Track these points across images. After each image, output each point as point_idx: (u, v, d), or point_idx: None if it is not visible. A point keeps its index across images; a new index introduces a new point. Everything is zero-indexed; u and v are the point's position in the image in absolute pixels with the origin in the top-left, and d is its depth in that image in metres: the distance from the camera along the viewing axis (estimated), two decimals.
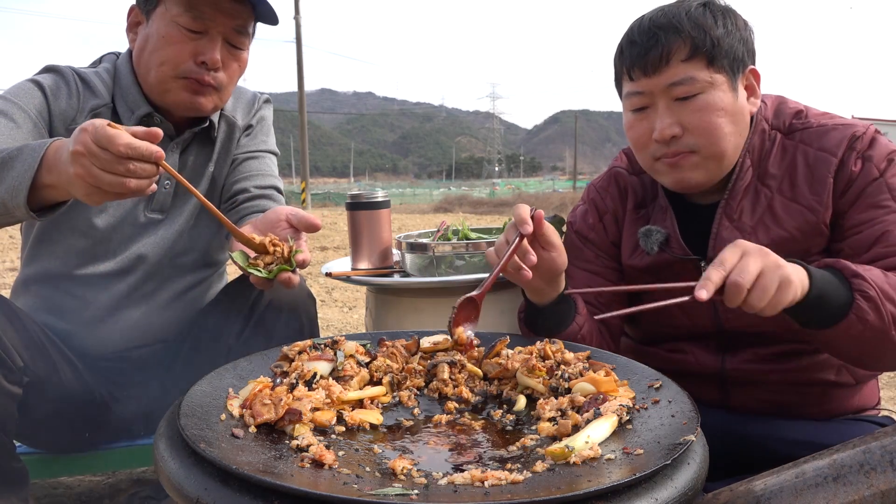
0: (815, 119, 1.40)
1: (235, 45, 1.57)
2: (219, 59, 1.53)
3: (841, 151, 1.33)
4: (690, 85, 1.30)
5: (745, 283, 1.07)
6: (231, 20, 1.53)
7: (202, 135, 1.70)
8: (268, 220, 1.37)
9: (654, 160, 1.38)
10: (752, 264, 1.08)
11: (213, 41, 1.52)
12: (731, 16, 1.33)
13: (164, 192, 1.65)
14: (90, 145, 1.09)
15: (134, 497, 2.04)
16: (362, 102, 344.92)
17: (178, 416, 0.88)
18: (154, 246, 1.66)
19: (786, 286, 1.09)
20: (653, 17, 1.34)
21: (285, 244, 1.27)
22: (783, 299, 1.09)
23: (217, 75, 1.55)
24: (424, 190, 51.07)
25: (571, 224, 1.64)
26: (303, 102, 24.72)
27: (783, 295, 1.09)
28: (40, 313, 1.62)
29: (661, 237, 1.45)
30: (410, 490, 0.76)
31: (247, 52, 1.61)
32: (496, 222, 2.28)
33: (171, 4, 1.51)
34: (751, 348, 1.44)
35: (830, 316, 1.16)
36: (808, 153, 1.36)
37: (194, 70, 1.53)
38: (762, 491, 0.93)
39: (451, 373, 1.15)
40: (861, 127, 1.36)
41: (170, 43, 1.51)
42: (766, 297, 1.08)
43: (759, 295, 1.08)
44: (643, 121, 1.37)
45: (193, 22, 1.50)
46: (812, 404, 1.43)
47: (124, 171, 1.10)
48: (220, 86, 1.57)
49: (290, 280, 1.25)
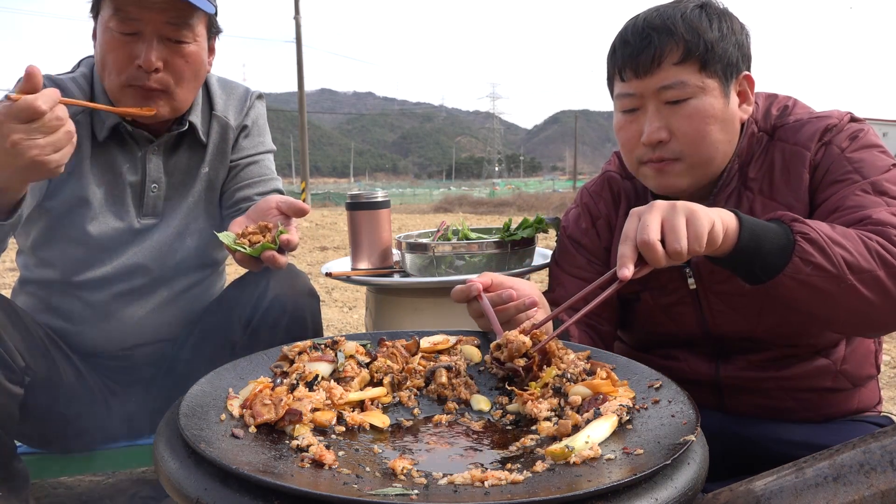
0: (795, 114, 1.38)
1: (176, 39, 1.48)
2: (153, 59, 1.45)
3: (814, 144, 1.31)
4: (681, 89, 1.29)
5: (650, 236, 1.04)
6: (161, 15, 1.44)
7: (191, 137, 1.66)
8: (259, 210, 1.42)
9: (641, 164, 1.37)
10: (650, 219, 1.05)
11: (146, 41, 1.45)
12: (728, 19, 1.32)
13: (153, 196, 1.63)
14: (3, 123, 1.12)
15: (134, 497, 2.04)
16: (362, 102, 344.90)
17: (177, 416, 0.88)
18: (151, 251, 1.65)
19: (694, 217, 1.05)
20: (647, 16, 1.33)
21: (273, 226, 1.34)
22: (700, 230, 1.05)
23: (160, 77, 1.48)
24: (424, 190, 51.07)
25: (564, 228, 1.63)
26: (303, 102, 24.72)
27: (698, 226, 1.05)
28: (40, 313, 1.63)
29: None
30: (410, 490, 0.76)
31: (194, 47, 1.51)
32: (496, 222, 2.28)
33: (104, 9, 1.47)
34: (744, 355, 1.43)
35: (774, 263, 1.12)
36: (784, 149, 1.35)
37: (136, 76, 1.47)
38: (762, 491, 0.93)
39: (449, 377, 1.14)
40: (834, 117, 1.34)
41: (109, 50, 1.47)
42: (680, 236, 1.04)
43: (673, 237, 1.04)
44: (632, 123, 1.36)
45: (122, 24, 1.44)
46: (810, 409, 1.42)
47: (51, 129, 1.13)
48: (167, 87, 1.50)
49: (275, 258, 1.31)
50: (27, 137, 1.10)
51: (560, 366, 1.11)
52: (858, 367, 1.41)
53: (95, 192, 1.57)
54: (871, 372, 1.45)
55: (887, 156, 1.31)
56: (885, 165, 1.28)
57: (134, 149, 1.60)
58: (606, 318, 1.53)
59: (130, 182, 1.60)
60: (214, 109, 1.69)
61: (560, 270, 1.59)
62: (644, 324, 1.54)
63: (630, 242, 1.06)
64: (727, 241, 1.10)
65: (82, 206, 1.56)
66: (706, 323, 1.43)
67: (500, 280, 1.26)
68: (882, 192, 1.24)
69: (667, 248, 1.05)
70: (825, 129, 1.32)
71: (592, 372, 1.09)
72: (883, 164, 1.28)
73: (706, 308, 1.42)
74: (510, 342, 1.12)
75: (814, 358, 1.39)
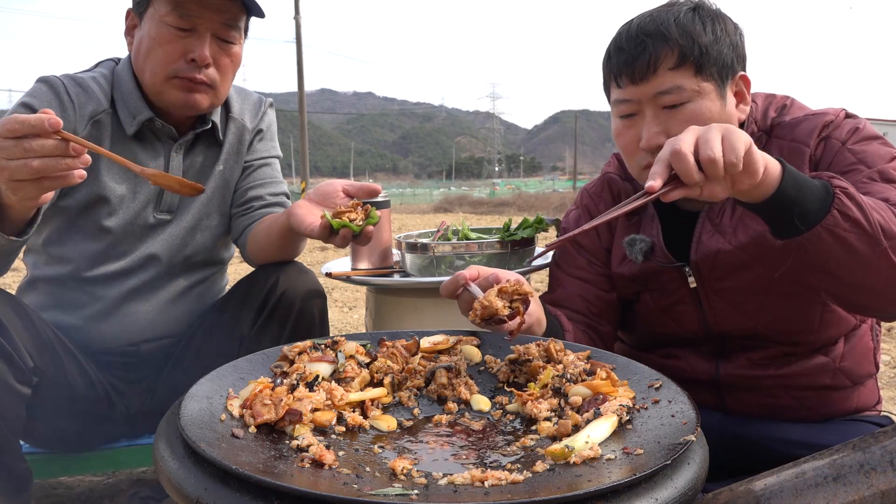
0: (792, 113, 1.38)
1: (226, 39, 1.57)
2: (208, 55, 1.53)
3: (813, 140, 1.31)
4: (678, 94, 1.29)
5: (682, 146, 0.99)
6: (218, 15, 1.53)
7: (208, 136, 1.72)
8: (323, 192, 1.50)
9: (642, 169, 1.37)
10: (683, 134, 1.01)
11: (202, 38, 1.53)
12: (721, 21, 1.31)
13: (171, 194, 1.67)
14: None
15: (134, 497, 2.04)
16: (362, 102, 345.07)
17: (178, 416, 0.88)
18: (163, 245, 1.69)
19: (730, 132, 1.00)
20: (641, 22, 1.32)
21: (359, 206, 1.44)
22: (735, 143, 0.99)
23: (208, 72, 1.56)
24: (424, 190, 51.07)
25: (564, 229, 1.63)
26: (303, 102, 24.71)
27: (733, 139, 0.99)
28: (48, 310, 1.64)
29: (646, 246, 1.45)
30: (410, 490, 0.76)
31: (238, 47, 1.61)
32: (496, 222, 2.29)
33: (159, 5, 1.52)
34: (744, 353, 1.43)
35: (812, 213, 1.08)
36: (782, 146, 1.35)
37: (185, 69, 1.53)
38: (762, 491, 0.93)
39: (449, 377, 1.14)
40: (831, 114, 1.34)
41: (160, 43, 1.52)
42: (714, 145, 0.99)
43: (706, 146, 0.99)
44: (631, 128, 1.36)
45: (180, 20, 1.51)
46: (809, 408, 1.42)
47: (21, 152, 1.08)
48: (213, 83, 1.58)
49: (372, 234, 1.43)
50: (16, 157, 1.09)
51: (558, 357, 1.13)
52: (857, 365, 1.42)
53: (115, 189, 1.61)
54: (870, 370, 1.45)
55: (889, 146, 1.31)
56: (888, 154, 1.28)
57: (157, 146, 1.65)
58: (607, 318, 1.54)
59: None
60: (231, 112, 1.76)
61: (560, 271, 1.59)
62: (645, 324, 1.54)
63: (663, 160, 1.02)
64: (768, 179, 1.05)
65: (100, 204, 1.61)
66: (707, 321, 1.43)
67: (486, 270, 1.27)
68: (890, 179, 1.24)
69: (700, 157, 0.99)
70: (823, 125, 1.32)
71: (592, 372, 1.08)
72: (886, 154, 1.28)
73: (707, 306, 1.42)
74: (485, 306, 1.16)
75: (813, 355, 1.40)
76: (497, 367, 1.19)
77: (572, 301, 1.53)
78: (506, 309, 1.16)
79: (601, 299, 1.53)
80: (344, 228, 1.39)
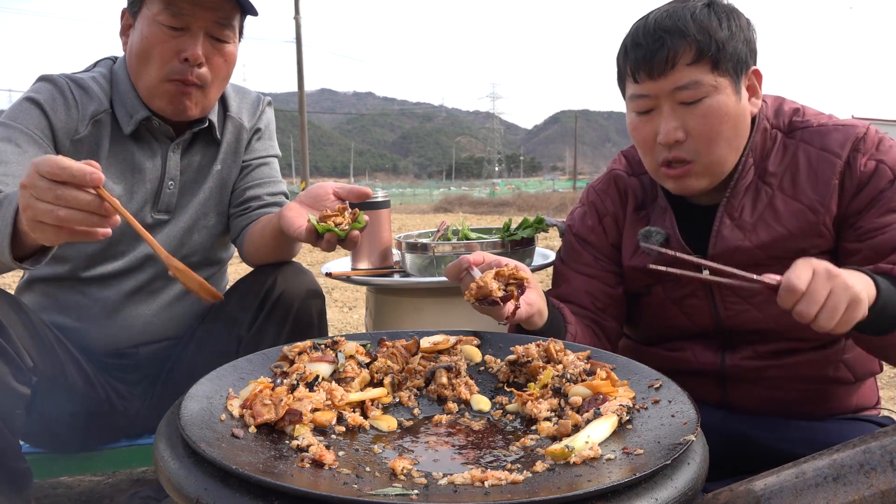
0: (813, 118, 1.40)
1: (219, 38, 1.55)
2: (200, 54, 1.52)
3: (845, 153, 1.33)
4: (696, 89, 1.29)
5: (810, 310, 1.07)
6: (211, 14, 1.52)
7: (206, 135, 1.71)
8: (314, 195, 1.49)
9: (659, 165, 1.38)
10: (820, 286, 1.08)
11: (194, 37, 1.51)
12: (735, 16, 1.33)
13: (168, 193, 1.66)
14: (32, 173, 1.05)
15: (134, 497, 2.04)
16: (362, 102, 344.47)
17: (178, 416, 0.88)
18: (161, 245, 1.67)
19: (855, 305, 1.08)
20: (657, 18, 1.33)
21: (347, 210, 1.43)
22: (853, 317, 1.09)
23: (200, 72, 1.54)
24: (424, 190, 51.06)
25: (570, 227, 1.63)
26: (303, 102, 24.72)
27: (853, 313, 1.09)
28: (47, 311, 1.63)
29: (661, 238, 1.45)
30: (410, 490, 0.76)
31: (233, 46, 1.59)
32: (496, 222, 2.29)
33: (151, 4, 1.51)
34: (751, 346, 1.44)
35: (889, 324, 1.17)
36: (810, 152, 1.36)
37: (178, 69, 1.52)
38: (762, 491, 0.93)
39: (449, 377, 1.14)
40: (861, 127, 1.35)
41: (153, 43, 1.51)
42: (833, 318, 1.08)
43: (826, 315, 1.08)
44: (647, 123, 1.36)
45: (173, 19, 1.49)
46: (811, 402, 1.43)
47: (53, 198, 1.04)
48: (204, 83, 1.56)
49: (358, 238, 1.40)
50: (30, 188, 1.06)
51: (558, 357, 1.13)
52: (860, 360, 1.43)
53: (112, 188, 1.60)
54: (874, 368, 1.46)
55: None
56: None
57: (154, 146, 1.65)
58: (611, 314, 1.54)
59: (149, 178, 1.64)
60: (229, 111, 1.75)
61: (566, 267, 1.59)
62: (653, 318, 1.54)
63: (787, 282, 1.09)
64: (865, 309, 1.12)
65: None
66: (719, 315, 1.44)
67: (490, 256, 1.28)
68: None
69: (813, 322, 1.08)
70: (855, 138, 1.33)
71: (592, 372, 1.09)
72: None
73: (719, 299, 1.43)
74: (480, 286, 1.17)
75: (818, 348, 1.41)
76: (497, 367, 1.19)
77: (577, 296, 1.53)
78: (500, 291, 1.17)
79: (606, 294, 1.53)
80: (329, 233, 1.37)
